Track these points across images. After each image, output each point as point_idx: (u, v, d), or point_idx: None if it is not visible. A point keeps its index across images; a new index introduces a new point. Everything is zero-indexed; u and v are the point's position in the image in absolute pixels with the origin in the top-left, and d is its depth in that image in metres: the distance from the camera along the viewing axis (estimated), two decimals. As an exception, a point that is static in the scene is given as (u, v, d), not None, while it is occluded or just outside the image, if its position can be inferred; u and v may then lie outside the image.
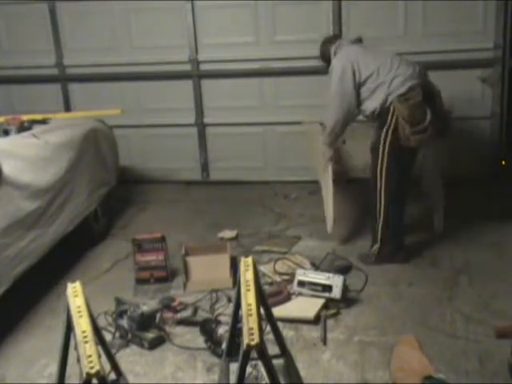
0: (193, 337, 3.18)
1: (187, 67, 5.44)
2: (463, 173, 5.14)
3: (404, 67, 3.75)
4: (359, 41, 4.06)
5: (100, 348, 2.24)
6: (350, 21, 5.06)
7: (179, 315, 3.32)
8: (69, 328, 2.20)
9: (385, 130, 3.70)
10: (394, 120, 3.66)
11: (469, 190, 4.95)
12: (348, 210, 4.47)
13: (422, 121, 3.60)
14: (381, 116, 3.74)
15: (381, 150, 3.73)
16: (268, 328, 2.54)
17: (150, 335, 3.13)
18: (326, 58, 4.07)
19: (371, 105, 3.77)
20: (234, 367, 2.16)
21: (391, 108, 3.67)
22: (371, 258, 3.89)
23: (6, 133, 3.99)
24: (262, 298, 2.37)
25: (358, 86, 3.78)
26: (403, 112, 3.61)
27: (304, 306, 3.36)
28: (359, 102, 3.82)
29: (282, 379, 2.28)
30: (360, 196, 4.64)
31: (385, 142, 3.71)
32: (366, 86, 3.77)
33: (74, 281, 2.36)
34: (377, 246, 3.89)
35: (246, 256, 2.47)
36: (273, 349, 2.50)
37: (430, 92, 3.73)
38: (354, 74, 3.76)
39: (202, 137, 5.61)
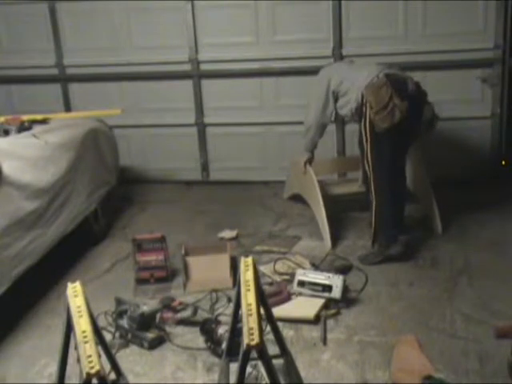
0: (193, 337, 3.18)
1: (187, 67, 5.44)
2: (463, 173, 5.15)
3: (371, 66, 3.99)
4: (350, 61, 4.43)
5: (100, 348, 2.24)
6: (350, 21, 5.05)
7: (179, 315, 3.32)
8: (69, 328, 2.21)
9: (363, 121, 3.86)
10: (367, 109, 3.80)
11: (469, 190, 4.95)
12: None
13: (387, 102, 3.71)
14: (357, 111, 3.93)
15: (364, 141, 3.90)
16: (268, 328, 2.54)
17: (150, 335, 3.13)
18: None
19: (348, 107, 4.01)
20: (234, 367, 2.16)
21: (363, 99, 3.83)
22: (370, 256, 3.89)
23: (6, 133, 4.00)
24: (262, 298, 2.38)
25: (333, 94, 4.10)
26: (370, 98, 3.77)
27: (304, 306, 3.36)
28: (336, 108, 4.16)
29: (281, 379, 2.28)
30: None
31: (365, 133, 3.87)
32: (340, 94, 4.06)
33: (73, 281, 2.36)
34: (376, 245, 3.93)
35: (246, 256, 2.48)
36: (273, 349, 2.50)
37: (398, 78, 3.86)
38: (329, 82, 4.10)
39: (202, 137, 5.61)
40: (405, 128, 3.78)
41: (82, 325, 2.08)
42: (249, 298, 2.19)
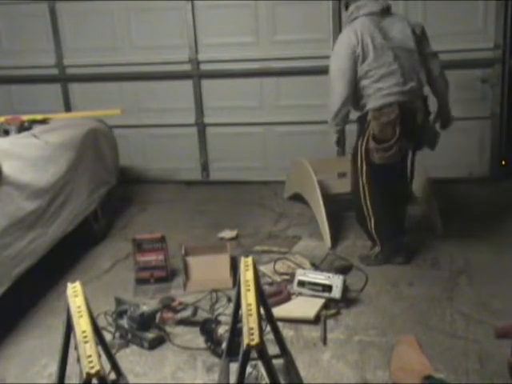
0: (193, 337, 3.18)
1: (187, 67, 5.44)
2: (463, 173, 5.15)
3: (396, 78, 3.60)
4: (386, 10, 3.70)
5: (100, 348, 2.24)
6: (350, 21, 5.05)
7: (179, 315, 3.31)
8: (69, 328, 2.21)
9: (361, 139, 3.70)
10: (367, 132, 3.64)
11: (469, 189, 4.95)
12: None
13: (389, 139, 3.55)
14: (360, 120, 3.77)
15: (359, 159, 3.72)
16: (268, 328, 2.54)
17: (150, 335, 3.13)
18: (345, 6, 3.81)
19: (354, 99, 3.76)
20: (234, 367, 2.17)
21: (368, 119, 3.65)
22: (371, 258, 3.88)
23: (6, 133, 4.00)
24: (262, 298, 2.38)
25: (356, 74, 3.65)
26: (375, 128, 3.58)
27: (304, 306, 3.36)
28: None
29: (282, 379, 2.28)
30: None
31: (361, 152, 3.70)
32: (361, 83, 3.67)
33: (73, 281, 2.36)
34: (377, 248, 3.87)
35: (246, 256, 2.48)
36: (273, 349, 2.50)
37: (410, 109, 3.62)
38: (354, 54, 3.61)
39: (202, 137, 5.61)
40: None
41: (82, 325, 2.08)
42: (249, 298, 2.19)
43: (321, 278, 3.44)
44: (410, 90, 3.62)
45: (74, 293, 2.27)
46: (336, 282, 3.39)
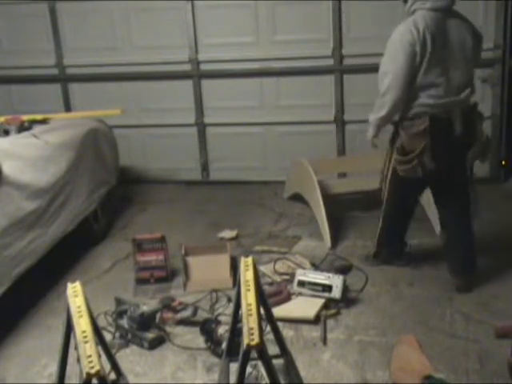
0: (193, 337, 3.18)
1: (187, 67, 5.44)
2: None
3: (436, 90, 3.26)
4: (450, 8, 3.30)
5: (100, 348, 2.24)
6: (350, 21, 5.05)
7: (179, 315, 3.31)
8: (69, 328, 2.21)
9: (391, 147, 3.48)
10: (397, 142, 3.41)
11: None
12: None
13: (413, 157, 3.31)
14: (393, 125, 3.50)
15: (386, 164, 3.56)
16: (268, 328, 2.54)
17: (150, 335, 3.13)
18: None
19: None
20: (234, 367, 2.17)
21: (398, 128, 3.41)
22: (369, 259, 3.87)
23: (6, 133, 4.00)
24: (262, 298, 2.38)
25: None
26: (403, 139, 3.34)
27: (304, 306, 3.36)
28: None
29: (282, 379, 2.28)
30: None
31: (389, 161, 3.51)
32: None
33: (73, 281, 2.36)
34: (374, 249, 3.85)
35: (246, 256, 2.48)
36: (273, 349, 2.50)
37: (445, 119, 3.29)
38: (413, 52, 3.20)
39: (202, 137, 5.61)
40: (438, 175, 3.41)
41: (82, 325, 2.08)
42: (249, 298, 2.19)
43: (321, 277, 3.44)
44: (445, 103, 3.28)
45: (74, 293, 2.27)
46: (336, 281, 3.39)
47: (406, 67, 3.22)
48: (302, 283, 3.47)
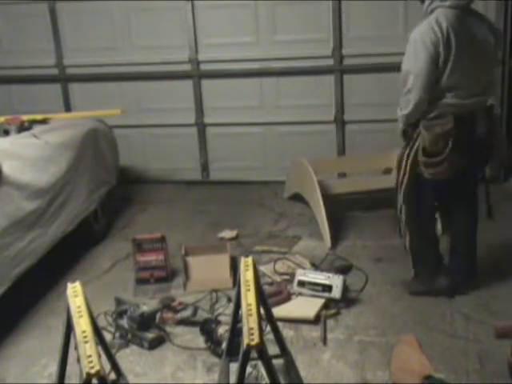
0: (193, 337, 3.18)
1: (187, 67, 5.44)
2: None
3: (460, 90, 3.16)
4: (469, 5, 3.17)
5: (100, 348, 2.24)
6: (350, 21, 5.05)
7: (179, 315, 3.32)
8: (69, 328, 2.21)
9: (408, 150, 3.28)
10: (417, 143, 3.23)
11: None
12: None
13: (440, 153, 3.13)
14: (408, 128, 3.32)
15: (402, 170, 3.33)
16: (268, 328, 2.54)
17: (150, 335, 3.13)
18: None
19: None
20: (234, 367, 2.17)
21: (418, 128, 3.23)
22: (413, 285, 3.51)
23: (6, 133, 4.00)
24: (262, 298, 2.38)
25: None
26: (426, 140, 3.15)
27: (304, 306, 3.36)
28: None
29: (282, 379, 2.28)
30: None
31: (406, 164, 3.29)
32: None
33: (73, 281, 2.36)
34: (412, 271, 3.51)
35: (246, 256, 2.48)
36: (273, 349, 2.50)
37: (469, 119, 3.21)
38: (437, 53, 3.08)
39: (202, 137, 5.61)
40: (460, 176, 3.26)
41: (82, 325, 2.08)
42: (249, 298, 2.19)
43: (321, 278, 3.44)
44: (469, 104, 3.19)
45: (74, 293, 2.27)
46: (336, 281, 3.39)
47: (427, 68, 3.11)
48: (302, 283, 3.47)
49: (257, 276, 2.35)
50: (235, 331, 2.51)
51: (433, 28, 3.08)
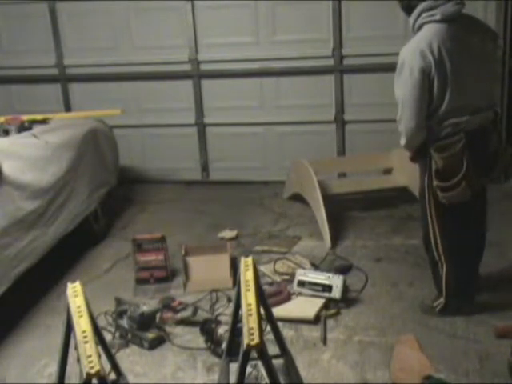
0: (193, 337, 3.18)
1: (187, 67, 5.44)
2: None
3: (467, 106, 2.97)
4: (460, 12, 2.96)
5: (100, 348, 2.24)
6: (350, 21, 5.05)
7: (179, 315, 3.32)
8: (69, 328, 2.21)
9: (427, 176, 3.05)
10: (432, 167, 3.01)
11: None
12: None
13: (456, 175, 2.93)
14: (420, 153, 3.10)
15: (426, 198, 3.10)
16: (268, 328, 2.54)
17: (150, 335, 3.13)
18: (406, 9, 3.05)
19: None
20: (234, 367, 2.17)
21: (429, 152, 3.01)
22: (434, 310, 3.28)
23: (6, 133, 4.00)
24: (262, 298, 2.38)
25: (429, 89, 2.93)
26: (438, 163, 2.96)
27: (304, 306, 3.36)
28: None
29: (282, 379, 2.28)
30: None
31: (429, 192, 3.06)
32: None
33: (73, 281, 2.36)
34: (441, 299, 3.25)
35: (246, 256, 2.48)
36: (273, 349, 2.50)
37: (481, 133, 3.01)
38: (427, 78, 2.89)
39: (202, 137, 5.61)
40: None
41: (82, 325, 2.08)
42: (249, 298, 2.19)
43: (321, 277, 3.44)
44: (479, 117, 2.99)
45: (74, 293, 2.27)
46: (336, 281, 3.39)
47: (415, 94, 2.90)
48: (301, 283, 3.48)
49: (257, 276, 2.35)
50: (235, 331, 2.51)
51: (422, 51, 2.86)
